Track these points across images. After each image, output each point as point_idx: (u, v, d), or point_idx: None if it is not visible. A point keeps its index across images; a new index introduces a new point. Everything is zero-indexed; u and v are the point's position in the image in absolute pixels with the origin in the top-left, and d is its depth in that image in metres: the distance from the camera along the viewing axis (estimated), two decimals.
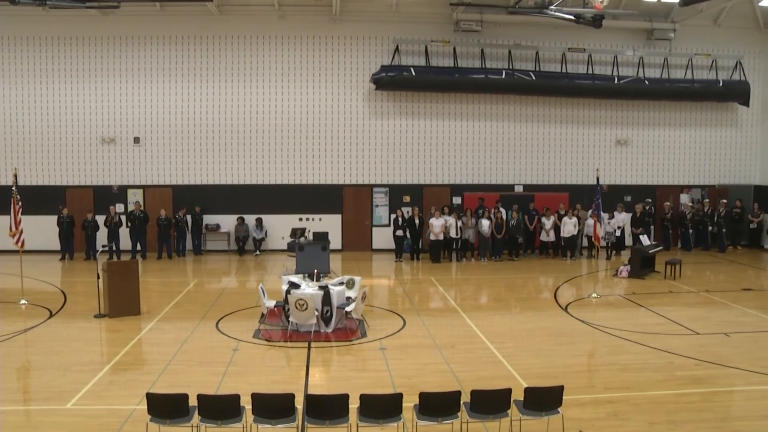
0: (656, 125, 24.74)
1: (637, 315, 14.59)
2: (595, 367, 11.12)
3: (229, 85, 22.85)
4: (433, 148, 23.71)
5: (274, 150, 23.18)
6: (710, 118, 25.02)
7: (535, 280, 19.23)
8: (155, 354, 11.57)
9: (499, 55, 23.38)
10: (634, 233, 22.34)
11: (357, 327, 13.10)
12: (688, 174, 25.14)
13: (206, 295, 16.40)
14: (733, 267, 20.90)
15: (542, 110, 24.08)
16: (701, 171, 25.17)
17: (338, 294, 13.10)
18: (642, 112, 24.61)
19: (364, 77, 23.17)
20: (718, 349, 11.89)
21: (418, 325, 13.59)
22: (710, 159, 25.18)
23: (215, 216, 23.12)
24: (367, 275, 19.20)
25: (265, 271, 20.16)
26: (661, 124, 24.76)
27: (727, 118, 25.15)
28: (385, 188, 23.71)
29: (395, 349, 11.84)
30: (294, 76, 23.02)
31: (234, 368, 10.72)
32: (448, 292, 17.08)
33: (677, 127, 24.84)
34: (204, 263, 21.50)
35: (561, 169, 24.35)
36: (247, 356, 11.42)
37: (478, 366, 10.93)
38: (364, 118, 23.38)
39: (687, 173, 25.13)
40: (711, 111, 24.96)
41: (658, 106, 24.60)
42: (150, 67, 22.59)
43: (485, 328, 13.29)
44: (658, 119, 24.73)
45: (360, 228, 23.70)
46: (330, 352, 11.81)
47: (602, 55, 23.83)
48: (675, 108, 24.70)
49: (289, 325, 12.76)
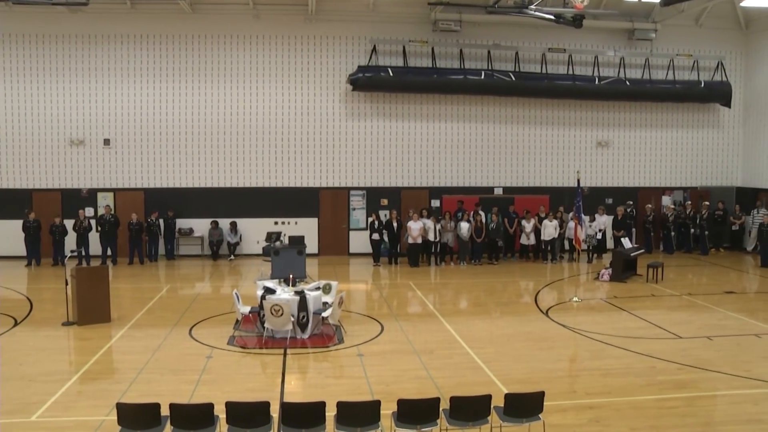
0: (637, 126, 24.98)
1: (618, 319, 14.68)
2: (576, 372, 11.17)
3: (202, 86, 22.70)
4: (411, 150, 23.74)
5: (248, 152, 23.07)
6: (692, 120, 25.32)
7: (516, 284, 19.28)
8: (126, 362, 11.44)
9: (478, 55, 23.48)
10: (615, 236, 22.54)
11: (334, 333, 13.08)
12: (670, 176, 25.41)
13: (179, 302, 16.28)
14: (715, 269, 21.13)
15: (522, 111, 24.21)
16: (683, 173, 25.45)
17: (314, 299, 13.06)
18: (623, 113, 24.83)
19: (340, 78, 23.13)
20: (700, 353, 12.00)
21: (396, 330, 13.57)
22: (692, 161, 25.48)
23: (188, 220, 22.94)
24: (344, 280, 19.12)
25: (239, 276, 20.05)
26: (643, 126, 25.01)
27: (709, 120, 25.47)
28: (363, 191, 23.67)
29: (373, 355, 11.82)
30: (269, 77, 22.93)
31: (208, 376, 10.63)
32: (427, 297, 17.07)
33: (659, 128, 25.11)
34: (177, 268, 21.33)
35: (541, 172, 24.48)
36: (222, 364, 11.33)
37: (457, 372, 10.93)
38: (340, 120, 23.35)
39: (669, 175, 25.40)
40: (692, 112, 25.25)
41: (640, 107, 24.84)
42: (120, 66, 22.37)
43: (465, 333, 13.30)
44: (639, 120, 24.97)
45: (337, 232, 23.65)
46: (306, 358, 11.75)
47: (583, 56, 24.03)
48: (656, 109, 24.96)
49: (265, 332, 12.71)
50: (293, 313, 12.57)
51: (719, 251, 24.24)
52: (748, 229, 24.30)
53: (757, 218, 23.17)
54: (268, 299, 12.54)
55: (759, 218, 22.86)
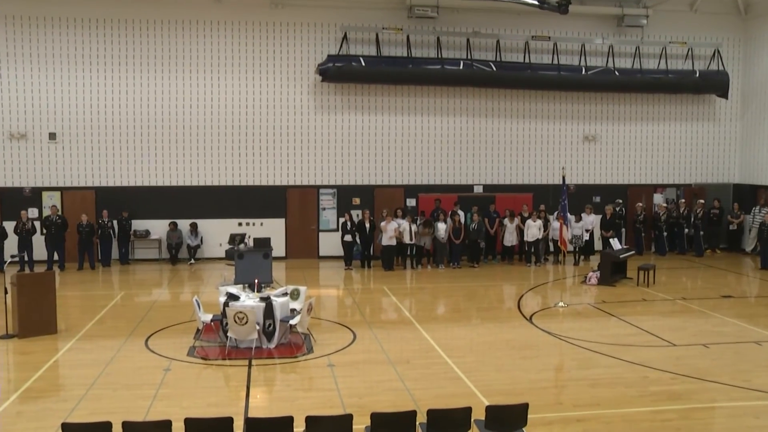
0: (627, 120, 25.20)
1: (607, 325, 14.78)
2: (562, 382, 11.23)
3: (159, 76, 22.50)
4: (384, 145, 23.75)
5: (210, 148, 22.91)
6: (686, 112, 25.57)
7: (497, 288, 19.36)
8: (74, 378, 11.28)
9: (457, 43, 23.55)
10: (603, 237, 22.72)
11: (302, 342, 13.05)
12: (662, 172, 25.66)
13: (134, 310, 16.13)
14: (711, 272, 21.37)
15: (503, 104, 24.32)
16: (676, 169, 25.69)
17: (282, 306, 13.05)
18: (612, 105, 25.04)
19: (308, 68, 23.07)
20: (696, 361, 12.09)
21: (369, 338, 13.58)
22: (686, 156, 25.74)
23: (144, 221, 22.73)
24: (314, 285, 19.10)
25: (200, 282, 19.96)
26: (633, 119, 25.23)
27: (704, 112, 25.72)
28: (333, 190, 23.64)
29: (345, 365, 11.81)
30: (231, 66, 22.79)
31: (165, 391, 10.54)
32: (403, 303, 17.09)
33: (650, 121, 25.34)
34: (132, 274, 21.15)
35: (524, 168, 24.61)
36: (181, 377, 11.25)
37: (435, 383, 10.94)
38: (309, 113, 23.28)
39: (661, 172, 25.64)
40: (687, 104, 25.49)
41: (630, 99, 25.05)
42: (67, 53, 22.07)
43: (443, 342, 13.32)
44: (629, 113, 25.19)
45: (305, 233, 23.58)
46: (273, 369, 11.72)
47: (569, 44, 24.18)
48: (648, 101, 25.19)
49: (228, 341, 12.64)
50: (258, 321, 12.54)
51: (715, 252, 24.51)
52: (747, 228, 24.53)
53: (758, 217, 23.25)
54: (231, 306, 12.49)
55: (760, 217, 22.95)
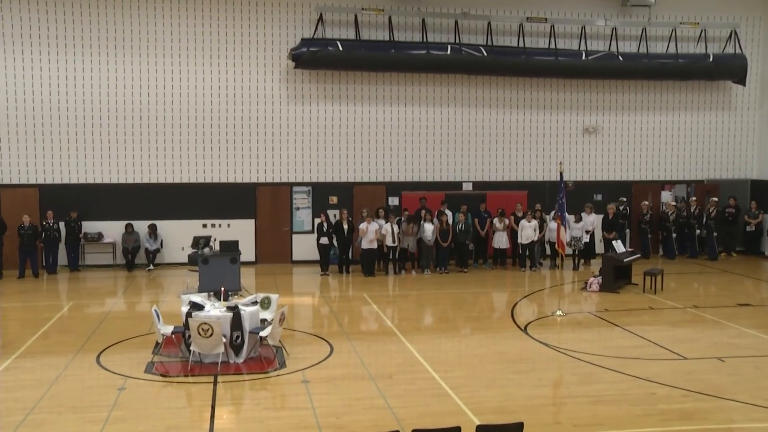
0: (632, 110, 25.32)
1: (610, 336, 14.86)
2: (561, 399, 11.27)
3: (112, 61, 22.33)
4: (364, 139, 23.76)
5: (171, 141, 22.81)
6: (698, 101, 25.67)
7: (488, 295, 19.45)
8: (11, 401, 11.10)
9: (444, 26, 23.60)
10: (605, 238, 22.77)
11: (274, 356, 13.04)
12: (671, 167, 25.79)
13: (84, 323, 16.00)
14: (726, 278, 21.50)
15: (495, 93, 24.38)
16: (687, 164, 25.83)
17: (251, 316, 13.02)
18: (615, 94, 25.15)
19: (280, 53, 23.04)
20: (710, 377, 12.12)
21: (348, 351, 13.58)
22: (698, 149, 25.86)
23: (97, 223, 22.57)
24: (287, 292, 19.11)
25: (160, 290, 19.94)
26: (638, 109, 25.34)
27: (719, 100, 25.83)
28: (308, 188, 23.64)
29: (321, 381, 11.81)
30: (194, 50, 22.70)
31: (119, 413, 10.48)
32: (384, 312, 17.13)
33: (657, 111, 25.44)
34: (82, 282, 21.04)
35: (518, 164, 24.71)
36: (137, 397, 11.19)
37: (420, 400, 10.96)
38: (281, 103, 23.25)
39: (669, 167, 25.78)
40: (699, 92, 25.58)
41: (635, 86, 25.16)
42: (2, 32, 21.81)
43: (429, 355, 13.33)
44: (634, 102, 25.31)
45: (277, 236, 23.57)
46: (241, 387, 11.70)
47: (567, 26, 24.28)
48: (655, 89, 25.29)
49: (191, 356, 12.60)
50: (225, 333, 12.51)
51: (731, 256, 24.62)
52: (765, 229, 24.58)
53: None
54: (194, 317, 12.46)
55: None
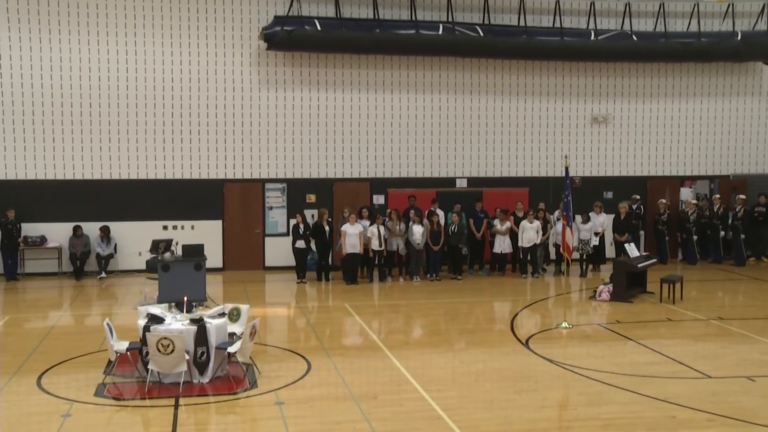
0: (647, 96, 25.41)
1: (623, 351, 14.86)
2: (567, 422, 11.23)
3: (56, 41, 22.25)
4: (346, 129, 23.78)
5: (126, 132, 22.76)
6: (723, 85, 25.80)
7: (485, 305, 19.45)
8: None
9: (435, 3, 23.64)
10: (617, 241, 22.84)
11: (244, 374, 12.96)
12: (692, 161, 25.92)
13: (24, 339, 15.88)
14: (756, 286, 21.59)
15: (493, 78, 24.44)
16: (709, 157, 25.97)
17: (218, 329, 12.95)
18: (628, 78, 25.26)
19: (250, 33, 23.04)
20: (738, 398, 12.05)
21: (327, 369, 13.54)
22: (722, 141, 25.99)
23: (39, 224, 22.51)
24: (259, 302, 19.10)
25: (113, 301, 19.88)
26: (655, 95, 25.44)
27: (747, 85, 25.96)
28: (282, 185, 23.66)
29: (297, 402, 11.73)
30: (151, 30, 22.67)
31: None
32: (369, 324, 17.09)
33: (677, 98, 25.54)
34: (21, 292, 20.98)
35: (518, 158, 24.78)
36: (85, 424, 11.02)
37: (409, 423, 10.88)
38: (251, 89, 23.24)
39: (689, 160, 25.91)
40: (724, 75, 25.72)
41: (651, 70, 25.27)
42: None
43: (418, 372, 13.29)
44: (650, 88, 25.41)
45: (248, 239, 23.58)
46: (206, 410, 11.62)
47: (574, 2, 24.37)
48: (674, 72, 25.41)
49: (149, 376, 12.50)
50: (188, 349, 12.41)
51: (761, 261, 24.75)
52: None
53: None
54: (153, 331, 12.36)
55: None
